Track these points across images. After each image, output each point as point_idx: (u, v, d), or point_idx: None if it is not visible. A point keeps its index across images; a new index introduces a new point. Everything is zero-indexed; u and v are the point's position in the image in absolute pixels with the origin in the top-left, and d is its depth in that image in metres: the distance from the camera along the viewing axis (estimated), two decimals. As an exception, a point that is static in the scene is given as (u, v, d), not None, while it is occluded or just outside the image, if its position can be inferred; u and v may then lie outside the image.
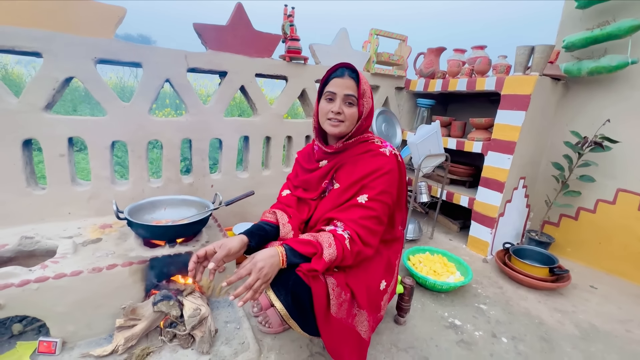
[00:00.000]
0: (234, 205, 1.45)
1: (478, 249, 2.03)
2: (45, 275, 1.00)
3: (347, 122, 0.97)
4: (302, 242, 0.87)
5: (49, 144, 1.34)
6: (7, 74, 5.18)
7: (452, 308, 1.46)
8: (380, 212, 0.95)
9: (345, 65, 0.96)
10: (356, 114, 0.97)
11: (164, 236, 1.24)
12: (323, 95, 0.98)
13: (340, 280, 0.90)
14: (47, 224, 1.37)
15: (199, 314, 1.10)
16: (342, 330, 0.92)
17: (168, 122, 1.58)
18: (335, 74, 0.95)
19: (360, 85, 0.94)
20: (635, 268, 1.81)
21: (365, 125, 1.02)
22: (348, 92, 0.94)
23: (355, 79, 0.95)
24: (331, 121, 0.97)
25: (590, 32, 1.72)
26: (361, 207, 0.94)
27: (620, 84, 1.80)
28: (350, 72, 0.95)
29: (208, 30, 1.56)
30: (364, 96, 0.96)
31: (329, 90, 0.95)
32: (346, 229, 0.91)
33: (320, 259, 0.85)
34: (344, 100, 0.95)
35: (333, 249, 0.86)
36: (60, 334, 1.05)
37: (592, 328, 1.39)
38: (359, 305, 0.95)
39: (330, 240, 0.87)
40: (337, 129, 0.97)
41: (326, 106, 0.97)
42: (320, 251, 0.86)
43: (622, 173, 1.83)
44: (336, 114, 0.95)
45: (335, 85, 0.94)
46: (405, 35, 2.36)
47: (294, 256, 0.85)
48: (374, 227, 0.94)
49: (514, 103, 1.77)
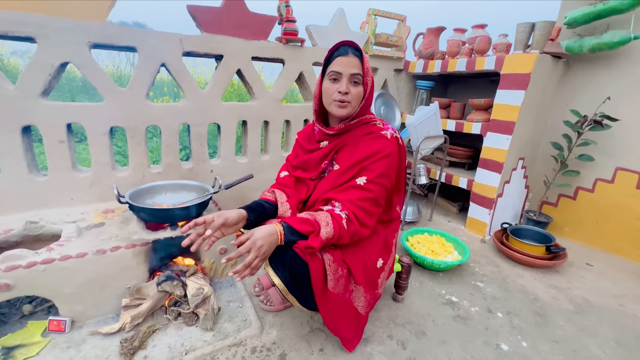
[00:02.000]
0: (234, 190, 1.46)
1: (476, 230, 2.05)
2: (51, 257, 1.03)
3: (354, 102, 0.96)
4: (300, 220, 0.89)
5: (47, 131, 1.35)
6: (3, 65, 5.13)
7: (449, 286, 1.50)
8: (377, 195, 0.96)
9: (347, 44, 0.94)
10: (362, 93, 0.96)
11: (165, 219, 1.27)
12: (327, 76, 0.96)
13: (337, 256, 0.93)
14: (51, 209, 1.40)
15: (202, 293, 1.13)
16: (340, 305, 0.96)
17: (166, 108, 1.58)
18: (339, 52, 0.93)
19: (364, 62, 0.94)
20: (631, 245, 1.83)
21: (367, 104, 1.01)
22: (354, 71, 0.92)
23: (359, 57, 0.93)
24: (338, 102, 0.95)
25: (593, 7, 1.68)
26: (359, 189, 0.95)
27: (622, 60, 1.77)
28: (353, 50, 0.93)
29: (202, 12, 1.53)
30: (367, 74, 0.95)
31: (333, 70, 0.93)
32: (344, 209, 0.92)
33: (317, 237, 0.86)
34: (350, 79, 0.93)
35: (330, 228, 0.87)
36: (69, 314, 1.09)
37: (586, 303, 1.43)
38: (355, 281, 0.98)
39: (328, 220, 0.89)
40: (344, 110, 0.96)
41: (331, 87, 0.94)
42: (317, 229, 0.87)
43: (621, 152, 1.83)
44: (344, 95, 0.93)
45: (339, 64, 0.92)
46: (404, 15, 2.31)
47: (292, 234, 0.87)
48: (371, 208, 0.96)
49: (513, 82, 1.75)
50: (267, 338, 1.12)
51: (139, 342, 1.03)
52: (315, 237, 0.87)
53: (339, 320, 0.97)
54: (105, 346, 1.02)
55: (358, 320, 1.04)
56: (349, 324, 1.00)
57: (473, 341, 1.17)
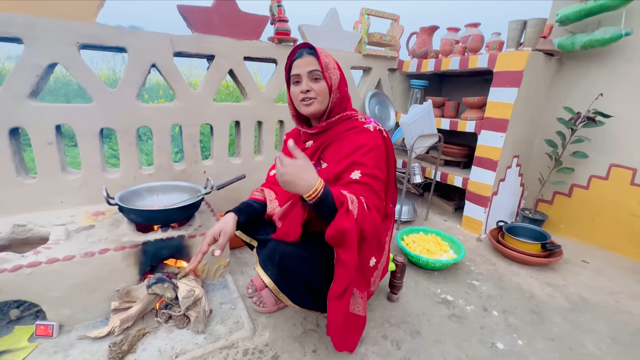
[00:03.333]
0: (228, 190, 1.45)
1: (472, 229, 2.04)
2: (37, 260, 1.01)
3: (320, 97, 0.97)
4: (337, 191, 0.80)
5: (36, 132, 1.33)
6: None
7: (444, 285, 1.49)
8: (376, 187, 0.95)
9: (302, 46, 0.97)
10: (325, 87, 0.97)
11: (155, 220, 1.25)
12: (291, 82, 1.00)
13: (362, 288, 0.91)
14: (40, 212, 1.38)
15: (192, 295, 1.12)
16: (345, 319, 0.95)
17: (157, 108, 1.56)
18: (295, 57, 0.96)
19: (319, 58, 0.95)
20: (627, 242, 1.83)
21: (340, 96, 1.00)
22: (310, 68, 0.94)
23: (314, 55, 0.95)
24: (304, 101, 0.97)
25: (584, 4, 1.69)
26: (358, 183, 0.93)
27: (614, 57, 1.77)
28: (307, 50, 0.96)
29: (193, 12, 1.52)
30: (327, 69, 0.96)
31: (293, 74, 0.97)
32: (361, 196, 0.87)
33: (347, 215, 0.75)
34: (309, 77, 0.95)
35: (355, 206, 0.80)
36: (57, 318, 1.06)
37: (581, 300, 1.42)
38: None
39: (352, 197, 0.81)
40: (311, 107, 0.97)
41: (295, 89, 0.98)
42: (346, 204, 0.77)
43: (615, 148, 1.83)
44: (306, 92, 0.96)
45: (297, 66, 0.96)
46: (397, 15, 2.31)
47: (327, 194, 0.76)
48: (374, 201, 0.94)
49: (506, 80, 1.75)
50: (260, 340, 1.10)
51: (128, 345, 1.01)
52: (344, 215, 0.75)
53: (345, 333, 0.95)
54: (94, 351, 1.00)
55: (361, 324, 1.02)
56: (356, 332, 0.98)
57: (468, 340, 1.16)
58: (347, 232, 0.74)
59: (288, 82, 1.03)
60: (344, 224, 0.73)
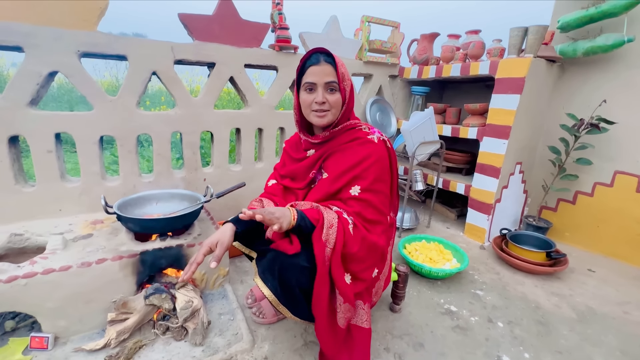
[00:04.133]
0: (228, 198, 1.43)
1: (475, 236, 2.01)
2: (33, 270, 0.99)
3: (334, 110, 0.94)
4: (310, 210, 0.86)
5: (35, 140, 1.32)
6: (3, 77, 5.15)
7: (448, 295, 1.46)
8: (376, 202, 0.94)
9: (319, 50, 0.92)
10: (340, 99, 0.94)
11: (153, 229, 1.23)
12: (302, 87, 0.95)
13: (348, 295, 0.88)
14: (38, 220, 1.37)
15: (191, 306, 1.09)
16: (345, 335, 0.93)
17: (157, 116, 1.56)
18: (311, 62, 0.91)
19: (338, 68, 0.91)
20: (633, 250, 1.79)
21: (349, 108, 0.99)
22: (328, 79, 0.90)
23: (332, 64, 0.91)
24: (317, 112, 0.94)
25: (586, 10, 1.68)
26: (356, 200, 0.93)
27: (617, 63, 1.76)
28: (325, 56, 0.91)
29: (194, 20, 1.53)
30: (343, 80, 0.93)
31: (307, 81, 0.92)
32: (350, 216, 0.90)
33: (319, 241, 0.82)
34: (325, 88, 0.91)
35: (333, 231, 0.83)
36: (52, 330, 1.04)
37: (589, 311, 1.39)
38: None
39: (333, 222, 0.84)
40: (324, 119, 0.94)
41: (308, 97, 0.93)
42: (320, 222, 0.83)
43: (619, 155, 1.81)
44: (321, 104, 0.92)
45: (313, 74, 0.91)
46: (397, 22, 2.32)
47: (303, 219, 0.83)
48: (371, 217, 0.93)
49: (508, 86, 1.74)
50: (259, 353, 1.08)
51: (124, 358, 0.99)
52: (317, 240, 0.81)
53: (342, 347, 0.92)
54: (89, 364, 0.98)
55: (365, 337, 0.99)
56: (360, 345, 0.95)
57: (473, 353, 1.13)
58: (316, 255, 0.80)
59: (298, 86, 0.97)
60: (315, 245, 0.80)
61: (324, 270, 0.81)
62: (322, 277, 0.81)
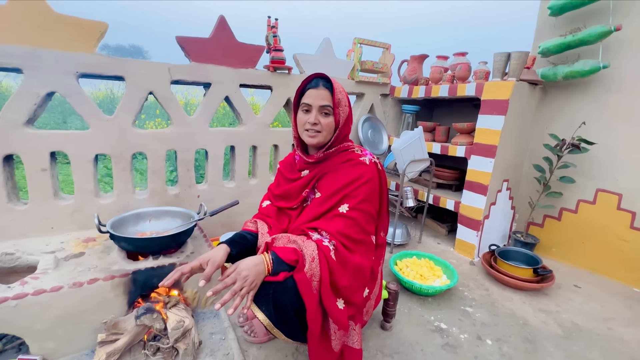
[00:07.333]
0: (222, 215, 1.45)
1: (465, 252, 2.05)
2: (24, 291, 0.99)
3: (325, 132, 0.99)
4: (288, 250, 0.88)
5: (30, 159, 1.33)
6: (1, 94, 5.14)
7: (438, 312, 1.48)
8: (362, 221, 0.96)
9: (319, 76, 0.98)
10: (333, 123, 0.99)
11: (146, 248, 1.24)
12: (300, 107, 1.01)
13: (342, 321, 0.90)
14: (30, 239, 1.36)
15: (182, 326, 1.09)
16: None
17: (152, 134, 1.59)
18: (310, 85, 0.97)
19: (334, 94, 0.96)
20: (617, 266, 1.85)
21: (344, 133, 1.04)
22: (323, 103, 0.96)
23: (329, 89, 0.96)
24: (309, 132, 0.99)
25: (564, 38, 1.79)
26: (342, 217, 0.95)
27: (595, 87, 1.86)
28: (324, 82, 0.96)
29: (191, 42, 1.58)
30: (339, 105, 0.98)
31: (304, 102, 0.97)
32: (332, 240, 0.92)
33: (300, 272, 0.84)
34: (319, 110, 0.96)
35: (316, 264, 0.85)
36: (41, 351, 1.03)
37: (574, 327, 1.42)
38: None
39: (314, 254, 0.86)
40: (315, 139, 0.99)
41: (303, 117, 0.99)
42: (301, 261, 0.86)
43: (600, 173, 1.88)
44: (313, 125, 0.97)
45: (310, 96, 0.96)
46: (388, 44, 2.41)
47: (279, 264, 0.85)
48: (356, 235, 0.95)
49: (493, 108, 1.81)
50: (250, 373, 1.08)
51: (113, 381, 0.98)
52: (301, 281, 0.83)
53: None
54: (77, 387, 0.97)
55: (358, 359, 1.00)
56: None
57: (462, 371, 1.14)
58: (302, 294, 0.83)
59: (296, 106, 1.03)
60: (299, 286, 0.83)
61: (313, 305, 0.83)
62: (313, 312, 0.83)
